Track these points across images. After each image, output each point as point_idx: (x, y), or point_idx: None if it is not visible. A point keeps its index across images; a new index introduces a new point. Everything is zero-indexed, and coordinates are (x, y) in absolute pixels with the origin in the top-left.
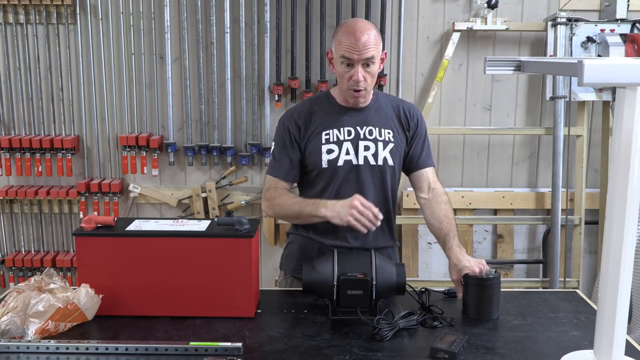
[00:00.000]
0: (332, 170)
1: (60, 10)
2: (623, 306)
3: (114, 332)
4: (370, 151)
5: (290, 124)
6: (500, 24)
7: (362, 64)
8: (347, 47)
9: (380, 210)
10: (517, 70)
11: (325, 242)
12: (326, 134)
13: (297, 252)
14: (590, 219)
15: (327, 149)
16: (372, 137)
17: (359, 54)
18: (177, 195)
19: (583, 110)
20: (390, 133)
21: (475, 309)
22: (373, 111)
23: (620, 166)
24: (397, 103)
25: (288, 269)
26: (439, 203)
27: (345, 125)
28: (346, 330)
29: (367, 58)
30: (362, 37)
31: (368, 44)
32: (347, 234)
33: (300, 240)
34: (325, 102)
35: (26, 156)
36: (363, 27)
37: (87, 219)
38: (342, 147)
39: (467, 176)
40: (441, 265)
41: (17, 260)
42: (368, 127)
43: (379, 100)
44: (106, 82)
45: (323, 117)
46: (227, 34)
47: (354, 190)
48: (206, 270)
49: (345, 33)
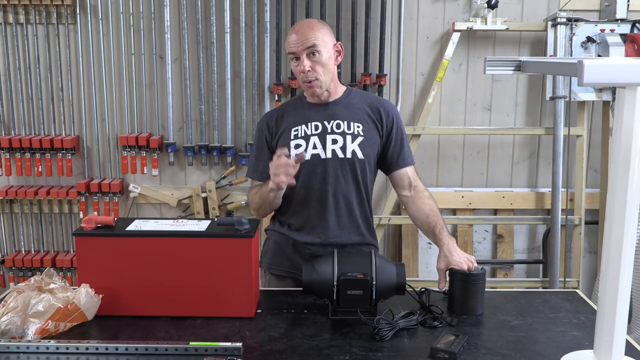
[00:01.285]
0: (300, 165)
1: (60, 10)
2: (623, 306)
3: (114, 332)
4: (338, 144)
5: (263, 126)
6: (500, 24)
7: (306, 54)
8: (289, 42)
9: (349, 202)
10: (517, 70)
11: (298, 238)
12: (295, 130)
13: (272, 247)
14: (590, 219)
15: (295, 144)
16: (339, 130)
17: (298, 45)
18: (177, 195)
19: (583, 110)
20: (360, 127)
21: (460, 304)
22: (342, 106)
23: (620, 166)
24: (373, 100)
25: (264, 265)
26: (422, 199)
27: (313, 120)
28: (346, 330)
29: (308, 47)
30: (300, 30)
31: (307, 35)
32: (316, 230)
33: (276, 236)
34: (297, 103)
35: (26, 156)
36: (304, 23)
37: (87, 219)
38: (309, 141)
39: (467, 176)
40: None
41: (17, 260)
42: (336, 120)
43: (350, 96)
44: (106, 82)
45: (293, 116)
46: (227, 34)
47: (323, 184)
48: (206, 270)
49: (290, 32)
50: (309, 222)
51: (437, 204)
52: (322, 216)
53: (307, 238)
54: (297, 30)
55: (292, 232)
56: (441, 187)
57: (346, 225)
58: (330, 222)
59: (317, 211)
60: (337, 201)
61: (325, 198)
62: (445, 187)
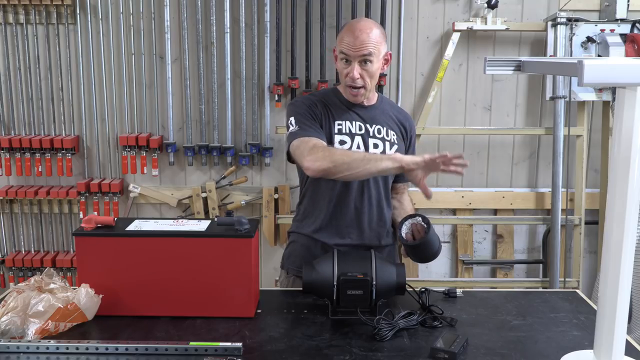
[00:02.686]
0: None
1: (60, 10)
2: (623, 306)
3: (114, 332)
4: (379, 149)
5: (311, 102)
6: (500, 24)
7: (359, 61)
8: (345, 43)
9: (381, 211)
10: (517, 70)
11: (328, 241)
12: (339, 124)
13: (300, 250)
14: (590, 219)
15: (339, 139)
16: (380, 135)
17: (355, 51)
18: (177, 195)
19: (583, 110)
20: (394, 135)
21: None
22: (379, 111)
23: (620, 166)
24: (399, 112)
25: (291, 268)
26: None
27: (356, 120)
28: (346, 330)
29: (364, 55)
30: (360, 35)
31: (366, 42)
32: (349, 231)
33: (303, 239)
34: (333, 97)
35: (26, 156)
36: (364, 26)
37: (87, 219)
38: (354, 140)
39: (467, 176)
40: (441, 265)
41: (17, 260)
42: (377, 125)
43: (383, 103)
44: (106, 82)
45: (334, 109)
46: (227, 34)
47: (360, 188)
48: (206, 270)
49: (347, 30)
50: (343, 223)
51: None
52: (358, 217)
53: (339, 240)
54: (355, 33)
55: (322, 234)
56: (441, 187)
57: (376, 228)
58: (364, 224)
59: (352, 212)
60: (371, 205)
61: (362, 199)
62: (445, 187)
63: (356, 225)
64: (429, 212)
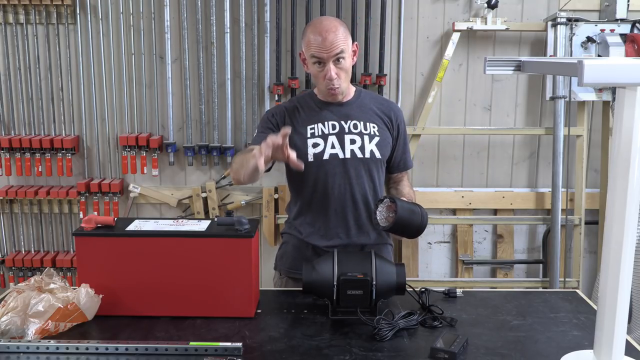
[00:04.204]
0: (319, 164)
1: (60, 10)
2: (623, 306)
3: (114, 332)
4: (356, 144)
5: (276, 112)
6: (500, 24)
7: (333, 60)
8: (315, 46)
9: (367, 201)
10: (517, 70)
11: (318, 243)
12: (311, 128)
13: (292, 252)
14: (590, 219)
15: (312, 142)
16: (357, 130)
17: (328, 52)
18: (177, 195)
19: (583, 110)
20: (375, 127)
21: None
22: (355, 106)
23: (620, 166)
24: (382, 102)
25: (283, 269)
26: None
27: (329, 120)
28: (346, 330)
29: (337, 54)
30: (328, 35)
31: (335, 41)
32: (337, 231)
33: (294, 240)
34: (308, 100)
35: (26, 156)
36: (329, 25)
37: (87, 219)
38: (327, 141)
39: (467, 176)
40: (441, 265)
41: (17, 260)
42: (352, 121)
43: (361, 96)
44: (106, 82)
45: (307, 113)
46: (227, 34)
47: (342, 184)
48: (206, 270)
49: (313, 33)
50: (329, 224)
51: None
52: (343, 217)
53: (327, 242)
54: (323, 34)
55: (311, 237)
56: (441, 187)
57: (365, 225)
58: (350, 223)
59: (336, 212)
60: (355, 201)
61: (344, 198)
62: (445, 187)
63: (342, 225)
64: (429, 212)
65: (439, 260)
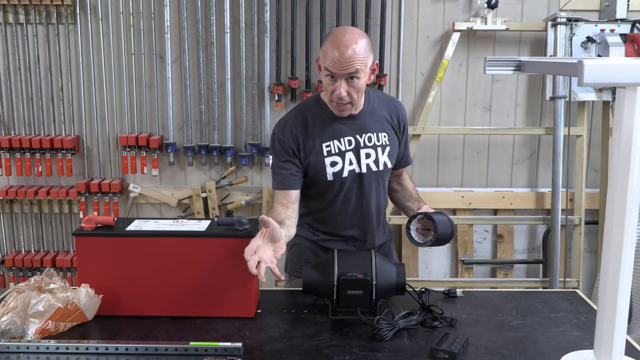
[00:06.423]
0: (339, 182)
1: (60, 10)
2: (623, 306)
3: (114, 332)
4: (371, 158)
5: (286, 137)
6: (500, 24)
7: (345, 78)
8: (330, 60)
9: (379, 210)
10: (517, 70)
11: (333, 247)
12: (327, 145)
13: (305, 253)
14: (590, 219)
15: (330, 161)
16: (371, 143)
17: (341, 70)
18: (177, 195)
19: (583, 110)
20: (386, 136)
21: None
22: (368, 115)
23: (620, 166)
24: (388, 103)
25: (294, 270)
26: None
27: (345, 135)
28: (346, 330)
29: (351, 73)
30: (346, 52)
31: (352, 59)
32: (354, 240)
33: (307, 243)
34: (317, 110)
35: (26, 156)
36: (349, 41)
37: (87, 219)
38: (345, 158)
39: (467, 176)
40: (441, 265)
41: (17, 260)
42: (367, 134)
43: (371, 102)
44: (106, 82)
45: (319, 128)
46: (227, 34)
47: (358, 197)
48: (206, 270)
49: (331, 45)
50: (347, 234)
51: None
52: (363, 229)
53: (343, 246)
54: (341, 49)
55: (326, 242)
56: (441, 187)
57: (379, 229)
58: (369, 234)
59: (354, 224)
60: (369, 211)
61: (363, 211)
62: (445, 187)
63: (363, 235)
64: None
65: (439, 260)
